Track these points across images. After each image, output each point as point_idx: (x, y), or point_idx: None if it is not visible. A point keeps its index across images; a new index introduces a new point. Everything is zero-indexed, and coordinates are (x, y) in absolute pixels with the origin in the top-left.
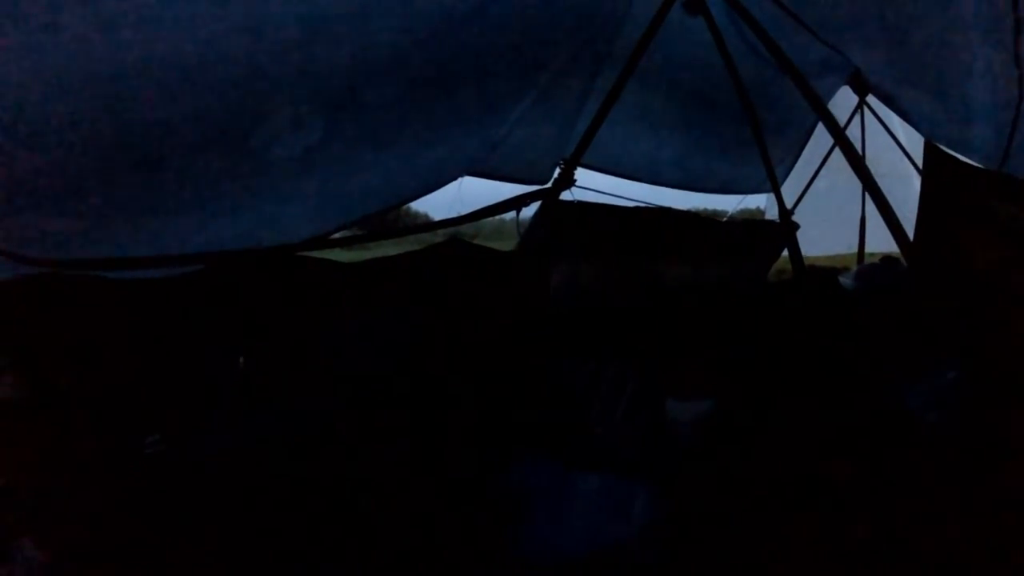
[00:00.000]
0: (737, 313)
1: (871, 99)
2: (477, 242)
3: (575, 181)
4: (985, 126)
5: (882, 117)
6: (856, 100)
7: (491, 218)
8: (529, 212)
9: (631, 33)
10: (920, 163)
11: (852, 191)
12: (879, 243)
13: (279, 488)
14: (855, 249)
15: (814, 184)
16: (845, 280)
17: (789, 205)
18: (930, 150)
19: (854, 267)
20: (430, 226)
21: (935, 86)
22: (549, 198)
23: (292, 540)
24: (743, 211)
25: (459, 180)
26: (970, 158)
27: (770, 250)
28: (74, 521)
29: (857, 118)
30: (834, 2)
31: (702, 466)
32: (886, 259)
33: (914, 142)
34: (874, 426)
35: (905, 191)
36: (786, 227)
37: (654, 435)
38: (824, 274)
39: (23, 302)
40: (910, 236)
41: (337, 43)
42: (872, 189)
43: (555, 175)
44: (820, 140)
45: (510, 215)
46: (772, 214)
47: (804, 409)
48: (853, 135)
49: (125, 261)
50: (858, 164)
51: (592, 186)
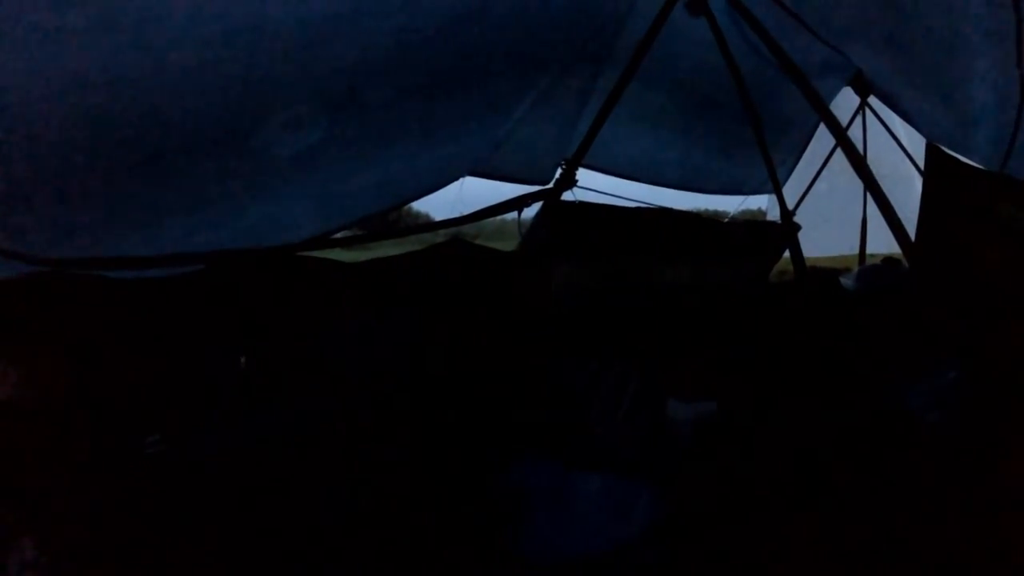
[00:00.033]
0: (738, 314)
1: (873, 100)
2: (478, 242)
3: (577, 181)
4: (986, 127)
5: (884, 118)
6: (858, 101)
7: (492, 218)
8: (530, 212)
9: (633, 33)
10: (922, 164)
11: (853, 192)
12: (880, 244)
13: (279, 488)
14: (856, 250)
15: (816, 185)
16: (846, 281)
17: (791, 206)
18: (932, 151)
19: (855, 268)
20: (431, 226)
21: (937, 87)
22: (551, 198)
23: (292, 540)
24: (744, 212)
25: (460, 180)
26: (971, 159)
27: (771, 251)
28: (74, 521)
29: (859, 119)
30: (836, 3)
31: (703, 466)
32: (887, 260)
33: (916, 143)
34: (874, 426)
35: (906, 192)
36: (787, 228)
37: (655, 435)
38: (825, 275)
39: (24, 302)
40: (911, 237)
41: (338, 44)
42: (874, 190)
43: (557, 175)
44: (822, 141)
45: (511, 215)
46: (774, 215)
47: (805, 409)
48: (855, 136)
49: (125, 261)
50: (860, 165)
51: (593, 186)
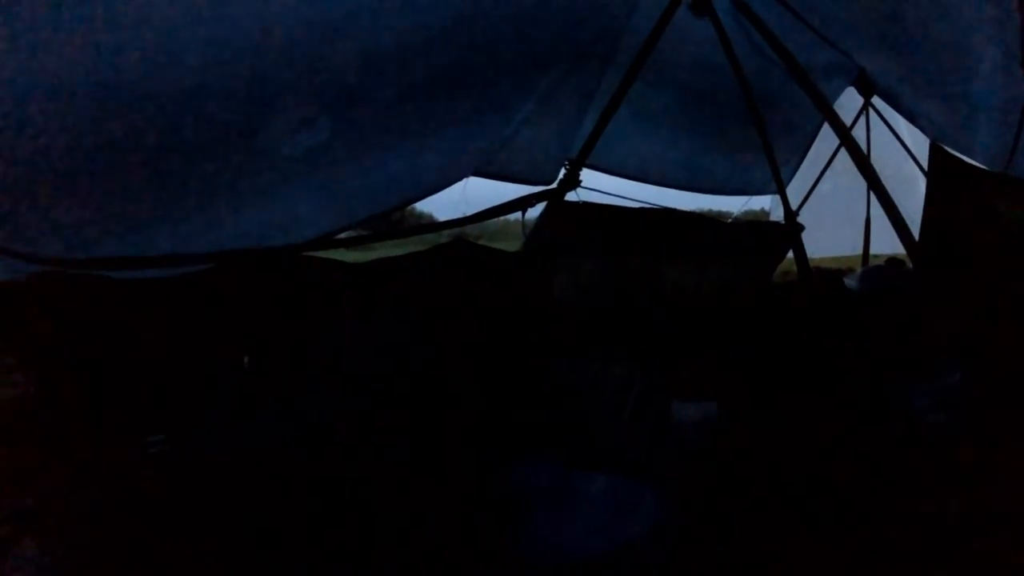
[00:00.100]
0: (741, 314)
1: (876, 100)
2: (482, 243)
3: (580, 182)
4: (990, 127)
5: (887, 118)
6: (861, 101)
7: (496, 219)
8: (534, 213)
9: (636, 34)
10: (925, 164)
11: (857, 192)
12: (884, 244)
13: (279, 488)
14: (860, 250)
15: (819, 185)
16: (850, 281)
17: (794, 206)
18: (935, 151)
19: (859, 268)
20: (435, 226)
21: (940, 87)
22: (554, 199)
23: (292, 540)
24: (748, 212)
25: (464, 181)
26: (975, 159)
27: (775, 251)
28: (74, 521)
29: (863, 119)
30: (839, 4)
31: (706, 466)
32: (891, 260)
33: (919, 143)
34: (877, 427)
35: (910, 192)
36: (791, 228)
37: (660, 436)
38: (829, 275)
39: (29, 302)
40: (915, 237)
41: (343, 44)
42: (878, 190)
43: (560, 176)
44: (826, 141)
45: (515, 216)
46: (777, 215)
47: (808, 409)
48: (858, 136)
49: (130, 261)
50: (864, 165)
51: (597, 187)
